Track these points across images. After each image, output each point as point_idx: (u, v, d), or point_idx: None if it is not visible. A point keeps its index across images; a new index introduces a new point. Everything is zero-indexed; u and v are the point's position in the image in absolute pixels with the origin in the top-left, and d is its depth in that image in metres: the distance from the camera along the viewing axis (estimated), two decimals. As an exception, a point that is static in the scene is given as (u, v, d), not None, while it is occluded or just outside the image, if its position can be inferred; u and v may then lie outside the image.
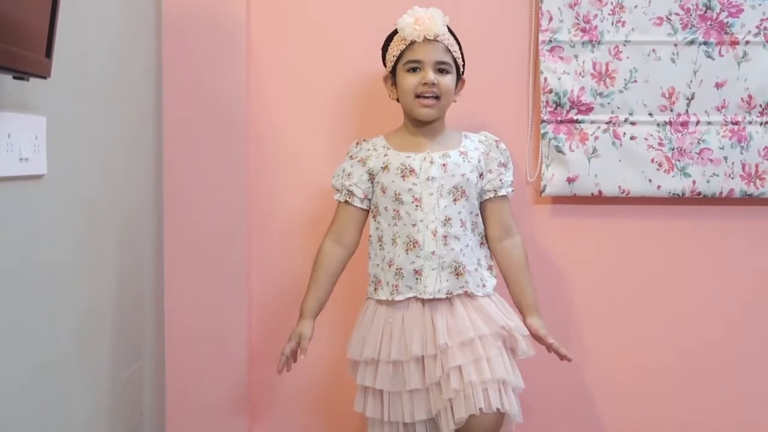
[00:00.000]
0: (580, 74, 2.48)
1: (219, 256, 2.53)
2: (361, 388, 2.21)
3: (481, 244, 2.23)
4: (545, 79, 2.49)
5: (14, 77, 1.50)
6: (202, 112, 2.51)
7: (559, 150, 2.49)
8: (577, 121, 2.49)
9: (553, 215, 2.54)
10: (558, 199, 2.53)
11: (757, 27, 2.45)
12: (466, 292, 2.14)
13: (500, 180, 2.23)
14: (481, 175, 2.21)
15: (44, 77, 1.58)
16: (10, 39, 1.39)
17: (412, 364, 2.11)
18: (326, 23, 2.57)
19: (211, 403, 2.56)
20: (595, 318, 2.58)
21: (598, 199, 2.53)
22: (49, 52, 1.57)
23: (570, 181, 2.50)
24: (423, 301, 2.14)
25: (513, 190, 2.27)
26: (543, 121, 2.50)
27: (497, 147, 2.26)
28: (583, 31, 2.48)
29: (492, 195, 2.23)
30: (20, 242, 1.65)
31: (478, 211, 2.23)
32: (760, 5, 2.45)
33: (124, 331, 2.25)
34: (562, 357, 2.18)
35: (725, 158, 2.47)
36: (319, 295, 2.23)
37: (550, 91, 2.48)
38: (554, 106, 2.49)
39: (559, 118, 2.49)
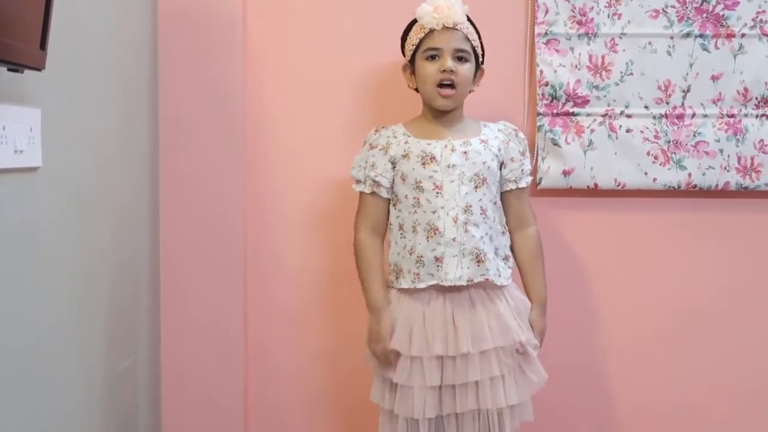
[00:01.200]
0: (576, 67, 2.48)
1: (215, 250, 2.53)
2: (380, 379, 2.20)
3: (502, 232, 2.22)
4: (541, 71, 2.49)
5: (9, 69, 1.49)
6: (198, 104, 2.50)
7: (555, 143, 2.49)
8: (573, 114, 2.49)
9: (548, 208, 2.53)
10: (554, 192, 2.53)
11: (753, 20, 2.45)
12: (487, 279, 2.13)
13: (521, 170, 2.24)
14: (502, 164, 2.21)
15: (39, 69, 1.57)
16: (5, 31, 1.38)
17: (433, 361, 2.10)
18: (323, 14, 2.56)
19: (207, 396, 2.55)
20: (590, 310, 2.59)
21: (593, 192, 2.53)
22: (43, 44, 1.57)
23: (566, 173, 2.50)
24: (444, 295, 2.13)
25: (531, 179, 2.29)
26: (539, 114, 2.50)
27: (516, 136, 2.27)
28: (579, 23, 2.47)
29: (513, 186, 2.24)
30: (15, 234, 1.65)
31: (499, 199, 2.23)
32: (755, -3, 2.45)
33: (119, 324, 2.24)
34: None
35: (721, 151, 2.47)
36: (380, 286, 2.20)
37: (546, 84, 2.48)
38: (550, 98, 2.49)
39: (555, 111, 2.49)
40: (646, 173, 2.48)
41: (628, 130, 2.48)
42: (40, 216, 1.75)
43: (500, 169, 2.21)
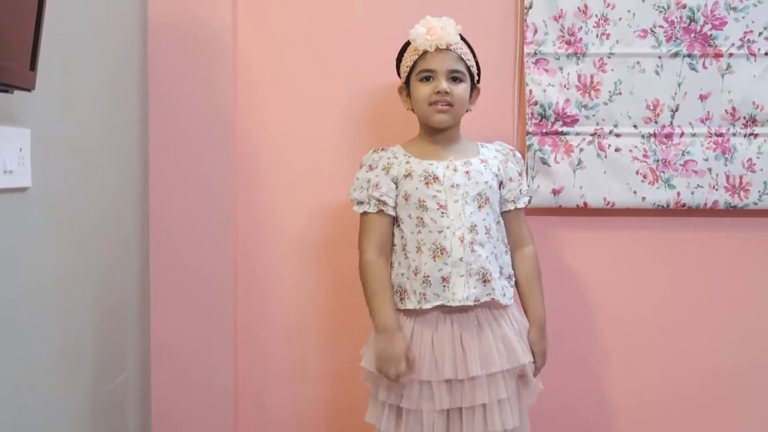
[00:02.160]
0: (565, 86, 2.49)
1: (205, 268, 2.53)
2: (379, 401, 2.16)
3: (505, 252, 2.22)
4: (530, 91, 2.50)
5: (-2, 90, 1.50)
6: (188, 122, 2.50)
7: (544, 162, 2.50)
8: (562, 133, 2.50)
9: (538, 227, 2.53)
10: (543, 211, 2.54)
11: (741, 39, 2.47)
12: (493, 299, 2.12)
13: (519, 190, 2.24)
14: (501, 183, 2.21)
15: (29, 90, 1.57)
16: (-6, 52, 1.39)
17: (443, 385, 2.09)
18: (315, 30, 2.57)
19: (197, 416, 2.54)
20: (580, 328, 2.59)
21: (583, 211, 2.53)
22: (33, 65, 1.57)
23: (555, 192, 2.50)
24: (451, 317, 2.11)
25: (529, 198, 2.29)
26: (528, 133, 2.50)
27: (514, 156, 2.27)
28: (568, 43, 2.49)
29: (512, 207, 2.24)
30: (4, 255, 1.65)
31: (501, 218, 2.22)
32: (743, 18, 2.46)
33: (108, 343, 2.24)
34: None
35: (709, 170, 2.48)
36: (392, 306, 2.14)
37: (536, 103, 2.49)
38: (539, 118, 2.50)
39: (544, 130, 2.50)
40: (635, 192, 2.49)
41: (617, 149, 2.49)
42: (30, 236, 1.75)
43: (499, 189, 2.21)
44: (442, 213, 2.11)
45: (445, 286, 2.09)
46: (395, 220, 2.19)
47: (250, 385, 2.62)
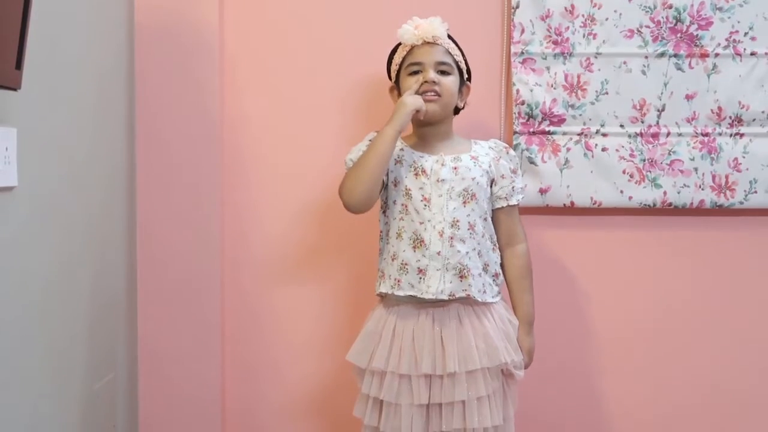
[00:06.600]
0: (552, 86, 2.50)
1: (192, 266, 2.53)
2: (364, 394, 2.19)
3: (493, 249, 2.22)
4: (517, 90, 2.50)
5: (-16, 89, 1.50)
6: (175, 120, 2.50)
7: (531, 161, 2.50)
8: (549, 133, 2.50)
9: (525, 226, 2.53)
10: (530, 210, 2.54)
11: (727, 39, 2.48)
12: (469, 295, 2.12)
13: (512, 187, 2.24)
14: (492, 181, 2.22)
15: (14, 89, 1.57)
16: (-20, 51, 1.39)
17: (422, 380, 2.11)
18: (301, 29, 2.57)
19: (185, 414, 2.54)
20: (566, 327, 2.60)
21: (570, 210, 2.54)
22: (19, 64, 1.57)
23: (542, 192, 2.51)
24: (432, 312, 2.12)
25: (524, 196, 2.28)
26: (515, 133, 2.51)
27: (507, 154, 2.27)
28: (555, 43, 2.49)
29: (504, 204, 2.24)
30: (-10, 254, 1.65)
31: (489, 215, 2.23)
32: (729, 18, 2.47)
33: (96, 342, 2.24)
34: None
35: (695, 169, 2.49)
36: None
37: (523, 103, 2.50)
38: (526, 117, 2.50)
39: (531, 130, 2.51)
40: (621, 191, 2.50)
41: (603, 149, 2.50)
42: (17, 235, 1.75)
43: (491, 186, 2.22)
44: (425, 205, 2.13)
45: (420, 278, 2.11)
46: (382, 207, 2.21)
47: (236, 384, 2.62)
